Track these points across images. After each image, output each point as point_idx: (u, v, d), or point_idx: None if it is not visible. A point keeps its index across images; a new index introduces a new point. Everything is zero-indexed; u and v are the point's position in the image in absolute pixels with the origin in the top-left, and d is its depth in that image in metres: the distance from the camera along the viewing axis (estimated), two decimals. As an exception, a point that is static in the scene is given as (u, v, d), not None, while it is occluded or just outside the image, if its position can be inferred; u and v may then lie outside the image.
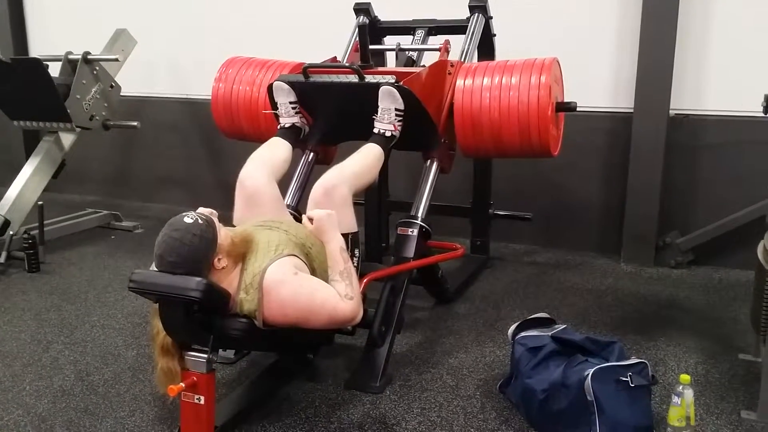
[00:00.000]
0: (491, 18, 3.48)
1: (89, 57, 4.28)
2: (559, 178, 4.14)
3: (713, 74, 3.74)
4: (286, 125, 2.97)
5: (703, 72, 3.75)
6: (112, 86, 4.46)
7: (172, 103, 5.24)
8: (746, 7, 3.61)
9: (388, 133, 2.79)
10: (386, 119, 2.77)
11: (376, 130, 2.80)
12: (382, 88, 2.73)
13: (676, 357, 2.77)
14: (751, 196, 3.63)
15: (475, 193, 3.88)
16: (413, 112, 2.79)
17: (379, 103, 2.77)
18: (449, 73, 3.06)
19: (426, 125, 2.90)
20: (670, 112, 3.77)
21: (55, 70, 4.24)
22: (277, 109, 2.99)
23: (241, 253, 2.10)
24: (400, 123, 2.79)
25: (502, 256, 4.10)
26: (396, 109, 2.76)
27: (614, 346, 2.33)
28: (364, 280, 2.56)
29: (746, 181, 3.69)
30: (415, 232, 2.82)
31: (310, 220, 2.36)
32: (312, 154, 3.22)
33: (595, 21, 3.91)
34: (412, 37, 3.60)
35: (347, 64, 3.10)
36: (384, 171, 3.58)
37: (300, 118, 2.99)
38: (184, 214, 2.04)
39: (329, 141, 3.27)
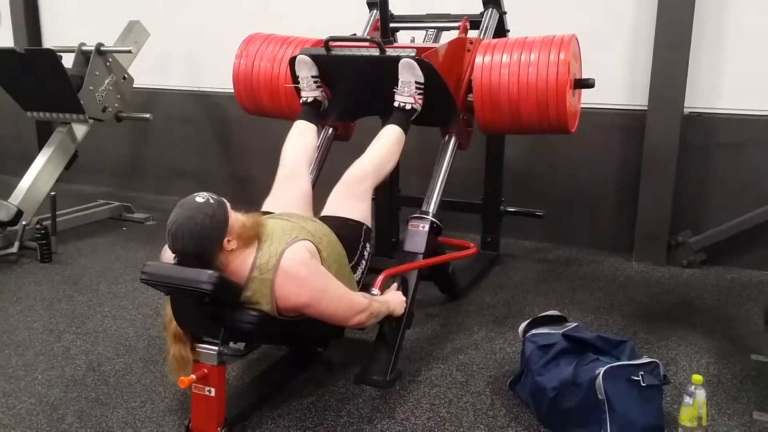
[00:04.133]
0: (505, 13, 3.46)
1: (102, 48, 4.29)
2: (571, 175, 4.12)
3: (728, 72, 3.71)
4: (308, 99, 2.99)
5: (718, 70, 3.72)
6: (125, 78, 4.47)
7: (185, 96, 5.25)
8: (763, 4, 3.58)
9: (408, 107, 2.80)
10: (406, 92, 2.79)
11: (396, 104, 2.81)
12: (402, 61, 2.74)
13: (688, 357, 2.75)
14: (765, 195, 3.61)
15: (486, 189, 3.87)
16: (433, 87, 2.81)
17: (400, 76, 2.78)
18: (468, 50, 3.06)
19: (445, 100, 2.91)
20: (685, 110, 3.74)
21: (68, 61, 4.26)
22: (299, 83, 3.00)
23: (251, 236, 2.11)
24: (420, 96, 2.80)
25: (513, 252, 4.08)
26: (416, 83, 2.78)
27: (626, 344, 2.32)
28: (380, 277, 2.56)
29: (760, 181, 3.66)
30: (426, 227, 2.81)
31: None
32: (331, 129, 3.25)
33: (610, 18, 3.88)
34: (425, 32, 3.60)
35: (369, 38, 3.11)
36: (395, 166, 3.57)
37: (321, 92, 3.01)
38: (195, 194, 2.05)
39: (349, 116, 3.29)
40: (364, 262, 2.56)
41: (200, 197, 2.03)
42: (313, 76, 2.97)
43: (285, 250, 2.10)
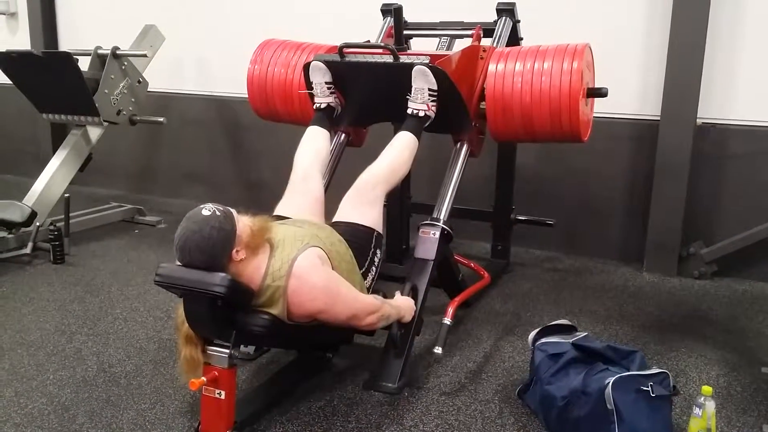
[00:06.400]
0: (519, 22, 3.47)
1: (118, 52, 4.34)
2: (582, 185, 4.11)
3: (742, 83, 3.70)
4: (322, 105, 3.02)
5: (732, 80, 3.71)
6: (139, 82, 4.51)
7: (198, 100, 5.28)
8: (778, 16, 3.58)
9: (421, 113, 2.82)
10: (419, 99, 2.80)
11: (409, 111, 2.83)
12: (416, 68, 2.76)
13: (698, 368, 2.74)
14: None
15: (497, 197, 3.87)
16: (446, 94, 2.82)
17: (413, 83, 2.80)
18: (481, 58, 3.08)
19: (458, 107, 2.93)
20: (697, 120, 3.73)
21: (84, 64, 4.30)
22: (312, 89, 3.02)
23: (260, 244, 2.12)
24: (434, 103, 2.82)
25: (523, 261, 4.08)
26: (429, 90, 2.79)
27: (635, 355, 2.31)
28: (451, 309, 2.74)
29: (773, 193, 3.65)
30: (437, 234, 2.82)
31: None
32: (344, 135, 3.28)
33: (623, 27, 3.89)
34: (438, 40, 3.63)
35: (383, 44, 3.13)
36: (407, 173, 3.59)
37: (334, 98, 3.03)
38: (201, 206, 2.05)
39: (362, 122, 3.32)
40: (374, 268, 2.57)
41: (206, 210, 2.03)
42: (326, 83, 3.00)
43: (297, 257, 2.11)
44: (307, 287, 2.09)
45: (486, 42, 3.34)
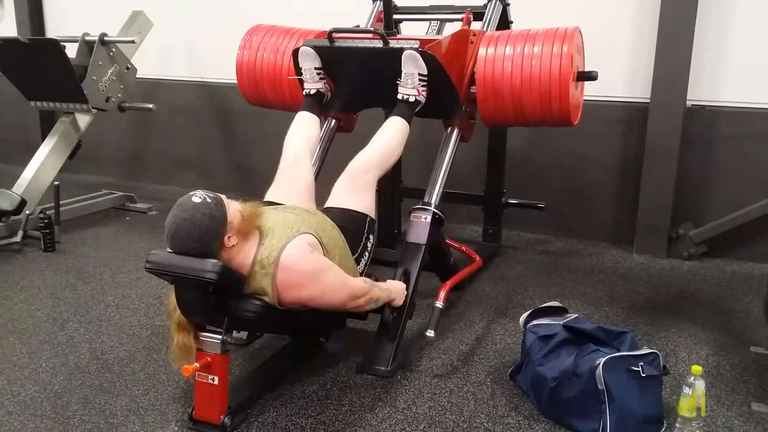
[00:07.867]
0: (508, 5, 3.47)
1: (106, 39, 4.30)
2: (573, 168, 4.13)
3: (731, 65, 3.70)
4: (311, 91, 3.01)
5: (722, 63, 3.72)
6: (128, 68, 4.47)
7: (188, 87, 5.25)
8: (767, -3, 3.58)
9: (411, 99, 2.82)
10: (410, 84, 2.80)
11: (400, 96, 2.83)
12: (405, 53, 2.75)
13: (687, 348, 2.77)
14: (766, 188, 3.61)
15: (488, 181, 3.88)
16: (436, 79, 2.82)
17: (403, 68, 2.79)
18: (471, 42, 3.07)
19: (448, 92, 2.93)
20: (687, 103, 3.74)
21: (72, 51, 4.26)
22: (302, 74, 3.01)
23: (250, 229, 2.12)
24: (424, 88, 2.82)
25: (514, 244, 4.10)
26: (419, 74, 2.78)
27: (626, 335, 2.33)
28: (443, 293, 2.70)
29: (762, 173, 3.67)
30: (429, 218, 2.83)
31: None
32: (334, 121, 3.27)
33: (614, 10, 3.88)
34: (428, 24, 3.61)
35: (372, 29, 3.12)
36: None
37: (324, 83, 3.02)
38: (192, 193, 2.05)
39: (352, 108, 3.31)
40: (367, 253, 2.58)
41: (197, 197, 2.03)
42: (316, 68, 2.98)
43: (286, 245, 2.11)
44: (296, 276, 2.10)
45: (476, 26, 3.33)
